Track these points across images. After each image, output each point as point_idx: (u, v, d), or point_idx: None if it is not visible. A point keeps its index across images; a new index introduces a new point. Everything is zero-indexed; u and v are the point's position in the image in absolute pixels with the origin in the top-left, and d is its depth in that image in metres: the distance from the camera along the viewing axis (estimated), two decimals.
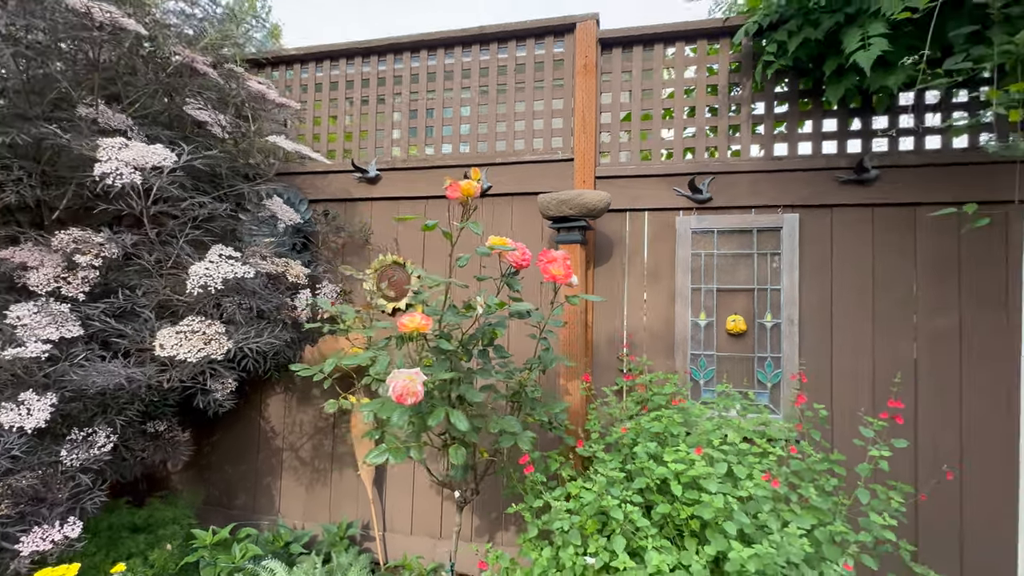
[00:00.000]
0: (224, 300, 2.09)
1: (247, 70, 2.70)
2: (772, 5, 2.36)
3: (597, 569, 1.72)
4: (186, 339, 1.82)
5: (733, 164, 2.57)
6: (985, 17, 1.92)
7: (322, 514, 2.95)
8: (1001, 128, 2.24)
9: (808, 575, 1.52)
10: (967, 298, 2.28)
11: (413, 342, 1.71)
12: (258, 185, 2.52)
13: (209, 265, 1.84)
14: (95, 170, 1.68)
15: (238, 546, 2.19)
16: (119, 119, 2.11)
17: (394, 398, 1.42)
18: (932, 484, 2.20)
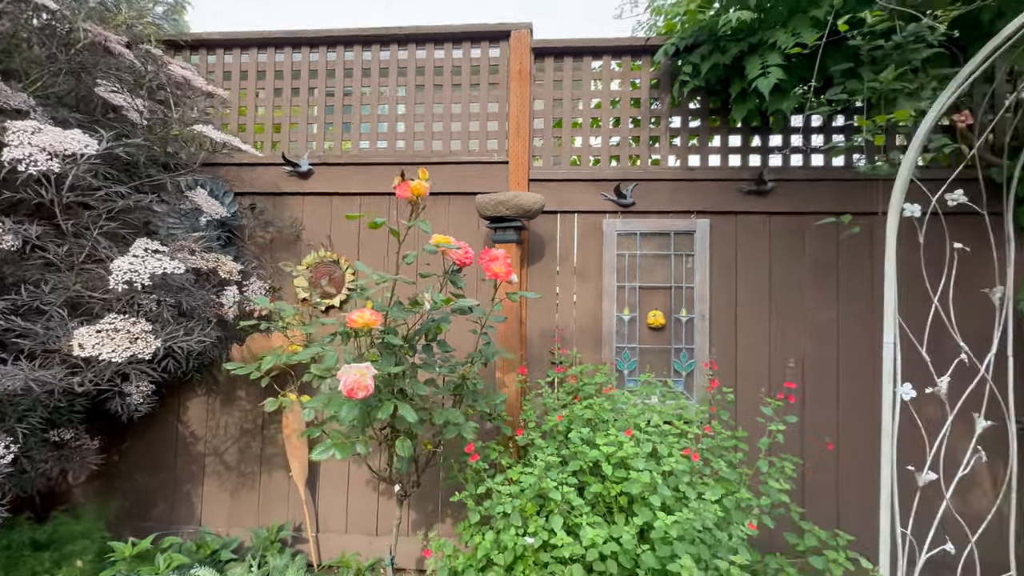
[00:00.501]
0: (147, 297, 1.98)
1: (164, 52, 2.54)
2: (687, 30, 2.61)
3: (536, 548, 1.85)
4: (108, 338, 1.70)
5: (653, 172, 2.81)
6: (858, 56, 2.27)
7: (249, 519, 2.84)
8: (870, 151, 2.65)
9: (719, 536, 1.74)
10: (843, 295, 2.67)
11: (359, 338, 1.74)
12: (180, 176, 2.39)
13: (134, 260, 1.74)
14: (3, 155, 1.53)
15: (162, 556, 2.07)
16: (19, 98, 1.92)
17: (345, 392, 1.45)
18: (816, 454, 2.56)
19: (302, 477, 2.71)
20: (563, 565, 1.83)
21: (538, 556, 1.86)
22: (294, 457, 2.70)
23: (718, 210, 2.75)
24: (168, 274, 1.78)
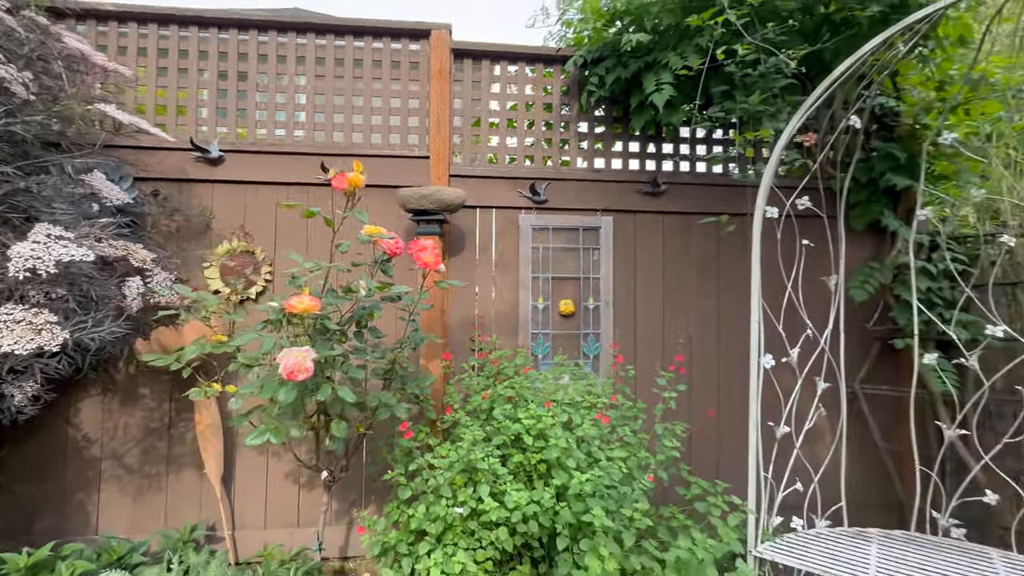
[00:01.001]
0: (38, 287, 1.84)
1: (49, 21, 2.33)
2: (593, 45, 2.89)
3: (464, 517, 2.01)
4: (8, 329, 1.57)
5: (564, 172, 3.07)
6: (733, 81, 2.67)
7: (155, 524, 2.69)
8: (743, 161, 3.10)
9: (624, 490, 2.01)
10: (722, 285, 3.11)
11: (292, 324, 1.78)
12: (76, 158, 2.21)
13: (35, 246, 1.62)
14: None
15: (63, 564, 1.94)
16: None
17: (285, 375, 1.50)
18: (700, 419, 2.98)
19: (217, 474, 2.63)
20: (489, 530, 2.01)
21: (466, 525, 2.03)
22: (208, 453, 2.61)
23: (620, 208, 3.07)
24: (77, 261, 1.68)
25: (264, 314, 1.84)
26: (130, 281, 2.34)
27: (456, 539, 2.00)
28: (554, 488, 1.96)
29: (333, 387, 1.69)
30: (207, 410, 2.58)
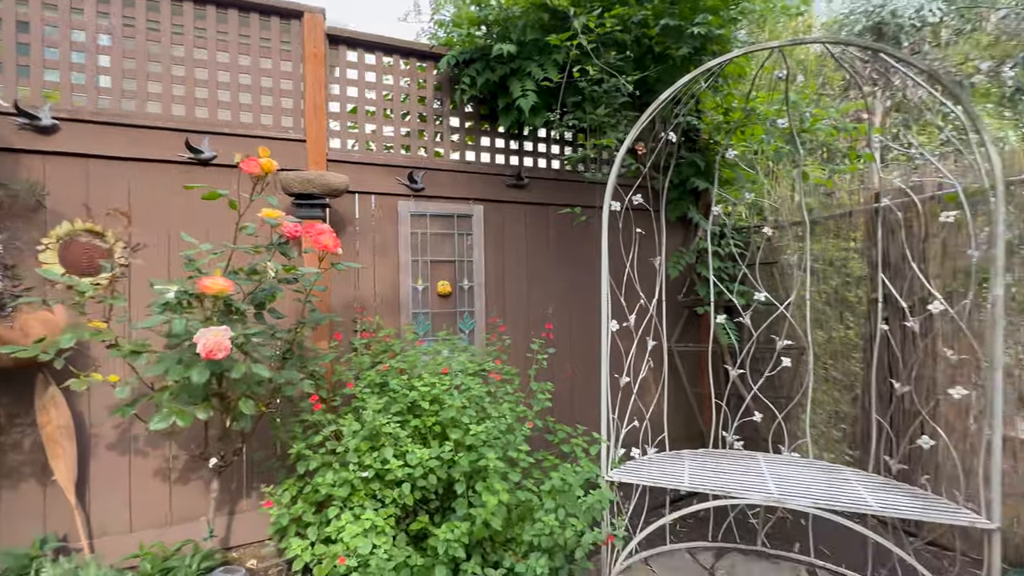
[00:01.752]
0: None
1: None
2: (465, 47, 3.16)
3: (370, 479, 2.20)
4: None
5: (439, 163, 3.31)
6: (584, 94, 3.17)
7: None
8: (592, 163, 3.67)
9: (510, 438, 2.39)
10: (574, 265, 3.66)
11: (190, 308, 1.78)
12: None
13: None
14: None
15: None
16: None
17: (204, 354, 1.55)
18: (563, 376, 3.51)
19: (70, 479, 2.39)
20: (392, 489, 2.23)
21: (369, 487, 2.22)
22: (58, 458, 2.36)
23: (489, 198, 3.43)
24: None
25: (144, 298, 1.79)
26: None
27: (361, 501, 2.19)
28: (451, 443, 2.25)
29: (248, 365, 1.74)
30: (56, 409, 2.32)
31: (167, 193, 2.68)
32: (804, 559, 2.86)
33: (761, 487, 2.48)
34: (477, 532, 2.15)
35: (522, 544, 2.26)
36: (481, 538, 2.26)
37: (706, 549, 3.02)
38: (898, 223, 3.02)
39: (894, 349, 2.97)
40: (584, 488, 2.46)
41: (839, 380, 3.51)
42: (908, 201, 2.94)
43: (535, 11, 2.96)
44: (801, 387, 3.21)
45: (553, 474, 2.39)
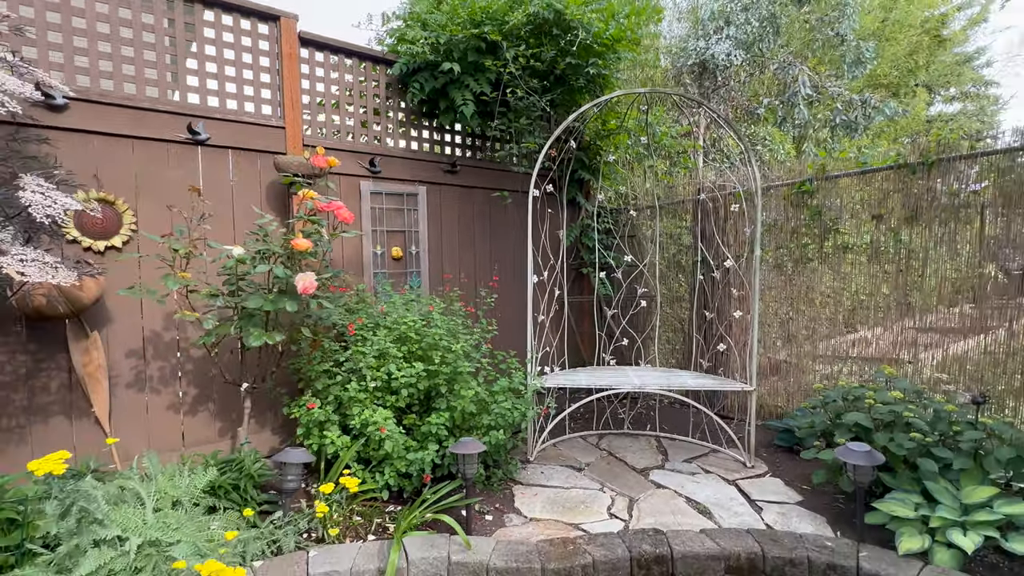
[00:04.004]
0: None
1: None
2: (417, 60, 3.92)
3: (379, 387, 3.04)
4: None
5: (392, 151, 4.07)
6: (511, 105, 4.15)
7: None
8: (519, 158, 4.68)
9: (474, 355, 3.37)
10: (496, 236, 4.68)
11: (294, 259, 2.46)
12: None
13: None
14: None
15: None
16: None
17: (301, 290, 2.28)
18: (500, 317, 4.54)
19: (105, 412, 2.84)
20: (392, 395, 3.09)
21: (374, 395, 3.06)
22: (97, 393, 2.79)
23: (431, 181, 4.28)
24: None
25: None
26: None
27: (371, 404, 3.02)
28: (439, 357, 3.16)
29: (319, 302, 2.48)
30: (97, 351, 2.75)
31: (164, 167, 3.11)
32: (653, 433, 4.33)
33: (628, 383, 3.81)
34: (456, 418, 3.12)
35: (482, 427, 3.28)
36: (456, 424, 3.23)
37: (592, 435, 4.34)
38: (710, 209, 4.55)
39: (706, 292, 4.54)
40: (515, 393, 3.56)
41: (675, 316, 5.08)
42: (716, 195, 4.47)
43: (474, 40, 3.84)
44: (652, 322, 4.67)
45: (501, 380, 3.44)
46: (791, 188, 4.18)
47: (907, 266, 3.71)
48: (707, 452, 3.89)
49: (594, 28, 3.85)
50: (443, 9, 3.97)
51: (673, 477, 3.46)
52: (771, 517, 2.88)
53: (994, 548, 2.39)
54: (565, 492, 3.24)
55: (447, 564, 2.42)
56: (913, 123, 11.80)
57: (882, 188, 3.79)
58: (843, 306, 4.12)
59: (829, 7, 6.00)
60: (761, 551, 2.51)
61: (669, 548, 2.54)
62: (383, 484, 2.94)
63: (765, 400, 4.39)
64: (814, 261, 4.16)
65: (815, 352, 4.27)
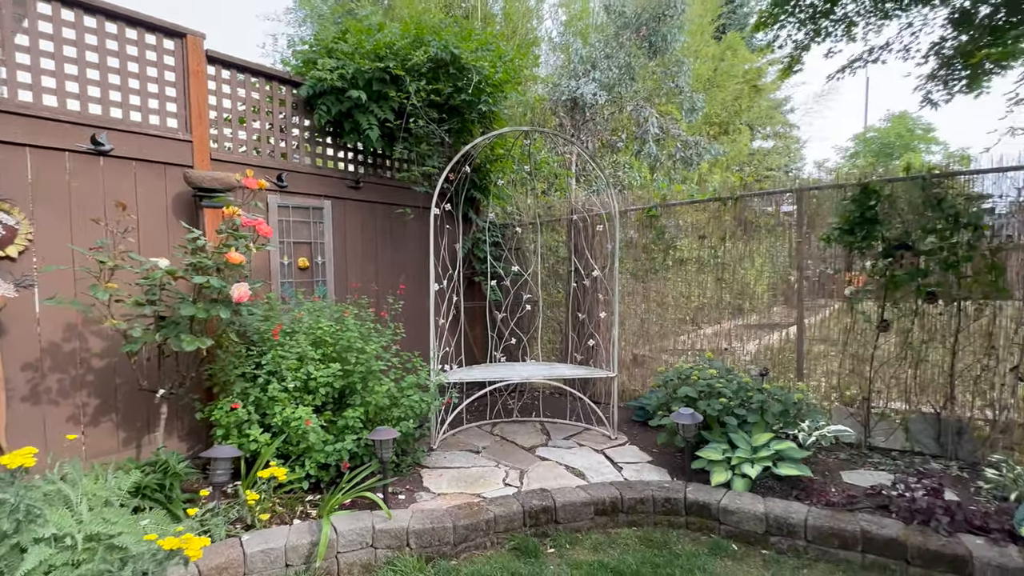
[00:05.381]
0: None
1: None
2: (324, 84, 4.22)
3: (298, 387, 3.32)
4: None
5: (299, 166, 4.31)
6: (412, 132, 4.60)
7: None
8: (423, 178, 5.11)
9: (384, 355, 3.76)
10: (397, 248, 5.08)
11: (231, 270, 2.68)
12: None
13: None
14: None
15: None
16: None
17: (236, 299, 2.55)
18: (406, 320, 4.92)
19: (3, 425, 2.78)
20: (309, 394, 3.39)
21: (293, 395, 3.34)
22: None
23: (336, 195, 4.58)
24: None
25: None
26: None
27: (290, 401, 3.30)
28: (355, 356, 3.52)
29: (249, 309, 2.73)
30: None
31: (63, 177, 3.10)
32: (538, 419, 5.04)
33: (517, 375, 4.47)
34: (370, 412, 3.51)
35: (393, 419, 3.69)
36: (369, 418, 3.61)
37: (487, 423, 4.93)
38: (581, 227, 5.42)
39: (579, 297, 5.38)
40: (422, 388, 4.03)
41: (554, 318, 5.88)
42: (585, 216, 5.35)
43: (379, 71, 4.25)
44: (535, 323, 5.41)
45: (408, 377, 3.88)
46: (642, 212, 5.18)
47: (723, 275, 4.86)
48: (581, 430, 4.68)
49: (485, 71, 4.48)
50: (348, 40, 4.32)
51: (555, 451, 4.17)
52: (628, 473, 3.69)
53: (771, 475, 3.39)
54: (467, 471, 3.78)
55: (372, 532, 2.83)
56: (740, 155, 14.30)
57: (706, 214, 4.91)
58: (685, 308, 5.20)
59: (671, 63, 7.37)
60: (620, 496, 3.28)
61: (553, 501, 3.20)
62: (303, 475, 3.23)
63: (626, 385, 5.34)
64: (661, 271, 5.19)
65: (663, 346, 5.31)
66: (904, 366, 3.89)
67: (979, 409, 3.69)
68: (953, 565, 2.56)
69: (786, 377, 4.43)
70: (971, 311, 3.64)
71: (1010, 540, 2.58)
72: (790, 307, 4.58)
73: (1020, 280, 3.57)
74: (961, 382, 3.71)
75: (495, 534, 3.03)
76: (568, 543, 3.06)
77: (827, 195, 4.25)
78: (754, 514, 3.01)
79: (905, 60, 4.42)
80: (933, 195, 3.62)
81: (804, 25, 4.21)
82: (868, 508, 2.96)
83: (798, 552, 2.89)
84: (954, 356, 3.70)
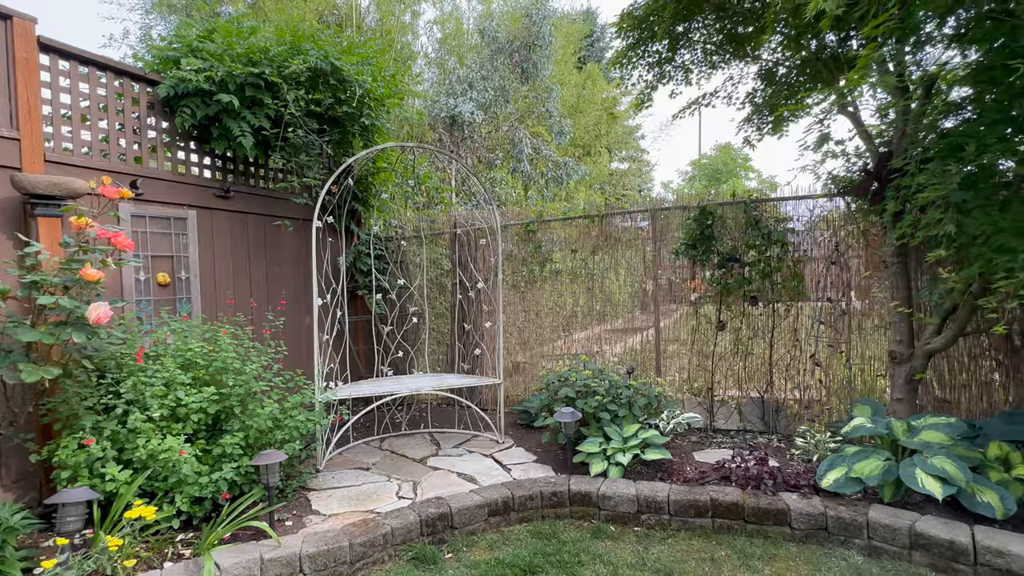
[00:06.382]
0: None
1: None
2: (181, 82, 3.87)
3: (164, 416, 3.02)
4: None
5: (158, 173, 3.91)
6: (288, 140, 4.42)
7: None
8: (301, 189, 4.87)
9: (266, 375, 3.55)
10: (272, 261, 4.81)
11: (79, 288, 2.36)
12: None
13: None
14: None
15: None
16: None
17: (94, 321, 2.29)
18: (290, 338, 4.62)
19: None
20: (178, 423, 3.10)
21: (158, 424, 3.03)
22: None
23: (203, 205, 4.22)
24: None
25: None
26: None
27: (155, 432, 2.99)
28: (228, 382, 3.29)
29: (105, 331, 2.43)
30: None
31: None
32: (427, 430, 5.09)
33: (406, 388, 4.50)
34: (251, 436, 3.30)
35: (277, 442, 3.51)
36: (250, 443, 3.39)
37: (375, 439, 4.86)
38: (465, 241, 5.61)
39: (464, 308, 5.56)
40: (307, 408, 3.88)
41: (440, 330, 5.98)
42: (468, 229, 5.56)
43: (253, 77, 4.04)
44: (422, 336, 5.46)
45: (292, 397, 3.71)
46: (521, 227, 5.53)
47: (593, 285, 5.37)
48: (471, 437, 4.83)
49: (368, 85, 4.48)
50: (216, 40, 4.05)
51: (446, 460, 4.26)
52: (517, 473, 3.92)
53: (640, 461, 3.85)
54: (357, 488, 3.72)
55: (260, 563, 2.69)
56: (601, 175, 15.71)
57: (577, 230, 5.41)
58: (560, 316, 5.63)
59: (541, 88, 7.96)
60: (511, 495, 3.48)
61: (448, 507, 3.30)
62: (173, 513, 2.94)
63: (510, 392, 5.61)
64: (538, 283, 5.57)
65: (542, 352, 5.69)
66: (736, 359, 4.67)
67: (790, 391, 4.56)
68: (777, 518, 3.16)
69: (647, 374, 5.04)
70: (782, 311, 4.50)
71: (815, 493, 3.25)
72: (648, 312, 5.22)
73: (814, 285, 4.51)
74: (777, 370, 4.56)
75: (393, 547, 3.05)
76: (465, 546, 3.18)
77: (674, 214, 4.95)
78: (627, 497, 3.40)
79: (728, 105, 5.33)
80: (752, 217, 4.43)
81: (652, 68, 4.88)
82: (715, 480, 3.52)
83: (664, 525, 3.34)
84: (771, 349, 4.54)
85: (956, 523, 2.82)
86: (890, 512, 2.97)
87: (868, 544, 2.96)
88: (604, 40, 17.82)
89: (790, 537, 3.13)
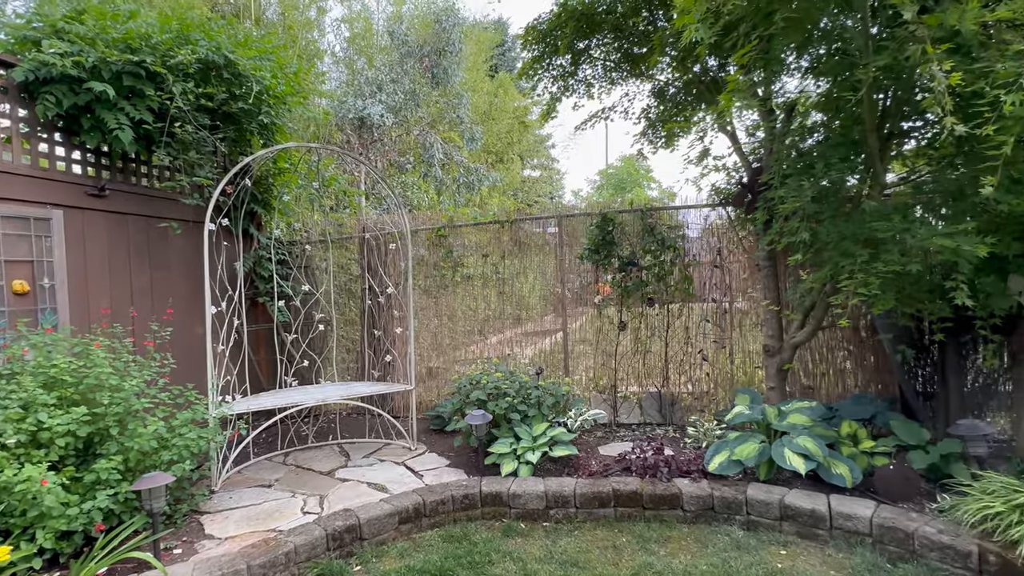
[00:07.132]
0: None
1: None
2: (42, 66, 3.45)
3: (22, 444, 2.67)
4: None
5: (14, 167, 3.45)
6: (172, 136, 4.08)
7: None
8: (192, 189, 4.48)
9: (150, 390, 3.25)
10: (153, 265, 4.40)
11: None
12: None
13: None
14: None
15: None
16: None
17: None
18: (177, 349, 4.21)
19: None
20: (39, 448, 2.76)
21: (14, 452, 2.68)
22: None
23: (71, 205, 3.79)
24: None
25: None
26: None
27: (10, 461, 2.64)
28: (99, 403, 2.97)
29: None
30: None
31: None
32: (336, 442, 4.90)
33: (312, 398, 4.32)
34: (132, 459, 3.01)
35: (163, 464, 3.22)
36: (130, 467, 3.08)
37: (279, 454, 4.60)
38: (374, 245, 5.50)
39: (374, 314, 5.44)
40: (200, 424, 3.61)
41: (349, 337, 5.79)
42: (377, 234, 5.45)
43: (132, 65, 3.70)
44: (329, 343, 5.26)
45: (183, 413, 3.43)
46: (432, 232, 5.53)
47: (504, 289, 5.49)
48: (382, 446, 4.73)
49: (266, 82, 4.27)
50: (87, 22, 3.66)
51: (355, 471, 4.14)
52: (429, 479, 3.90)
53: (548, 458, 3.99)
54: (258, 507, 3.51)
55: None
56: (514, 182, 16.04)
57: (488, 235, 5.50)
58: (473, 320, 5.68)
59: (452, 94, 8.01)
60: (423, 501, 3.47)
61: (357, 519, 3.22)
62: (33, 552, 2.61)
63: (423, 397, 5.57)
64: (450, 287, 5.59)
65: (456, 356, 5.70)
66: (637, 357, 4.99)
67: (684, 385, 4.96)
68: (671, 502, 3.43)
69: (556, 374, 5.23)
70: (675, 311, 4.89)
71: (704, 477, 3.57)
72: (557, 315, 5.43)
73: (702, 287, 4.94)
74: (673, 366, 4.94)
75: (296, 565, 2.92)
76: (375, 556, 3.12)
77: (580, 221, 5.20)
78: (536, 494, 3.52)
79: (626, 120, 5.70)
80: (648, 224, 4.78)
81: (556, 81, 5.11)
82: (618, 472, 3.74)
83: (571, 518, 3.49)
84: (667, 346, 4.91)
85: (816, 494, 3.23)
86: (764, 489, 3.34)
87: (747, 519, 3.29)
88: (515, 51, 18.25)
89: (683, 519, 3.40)
